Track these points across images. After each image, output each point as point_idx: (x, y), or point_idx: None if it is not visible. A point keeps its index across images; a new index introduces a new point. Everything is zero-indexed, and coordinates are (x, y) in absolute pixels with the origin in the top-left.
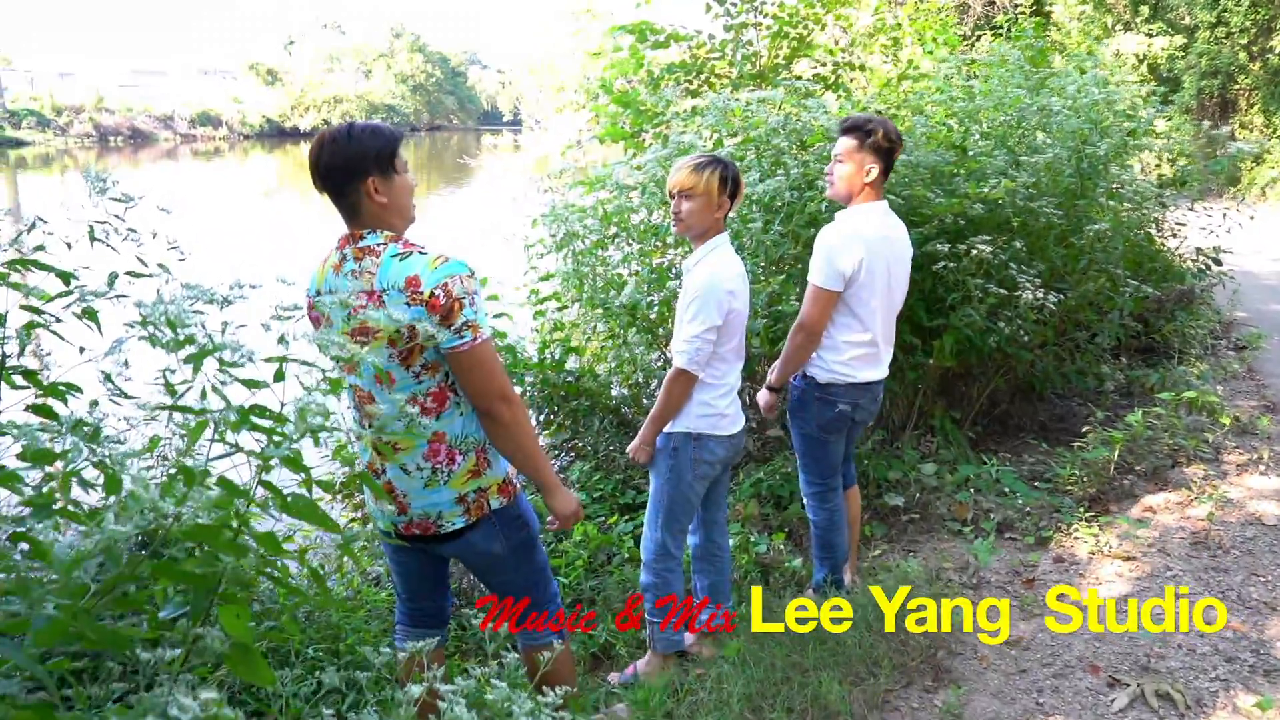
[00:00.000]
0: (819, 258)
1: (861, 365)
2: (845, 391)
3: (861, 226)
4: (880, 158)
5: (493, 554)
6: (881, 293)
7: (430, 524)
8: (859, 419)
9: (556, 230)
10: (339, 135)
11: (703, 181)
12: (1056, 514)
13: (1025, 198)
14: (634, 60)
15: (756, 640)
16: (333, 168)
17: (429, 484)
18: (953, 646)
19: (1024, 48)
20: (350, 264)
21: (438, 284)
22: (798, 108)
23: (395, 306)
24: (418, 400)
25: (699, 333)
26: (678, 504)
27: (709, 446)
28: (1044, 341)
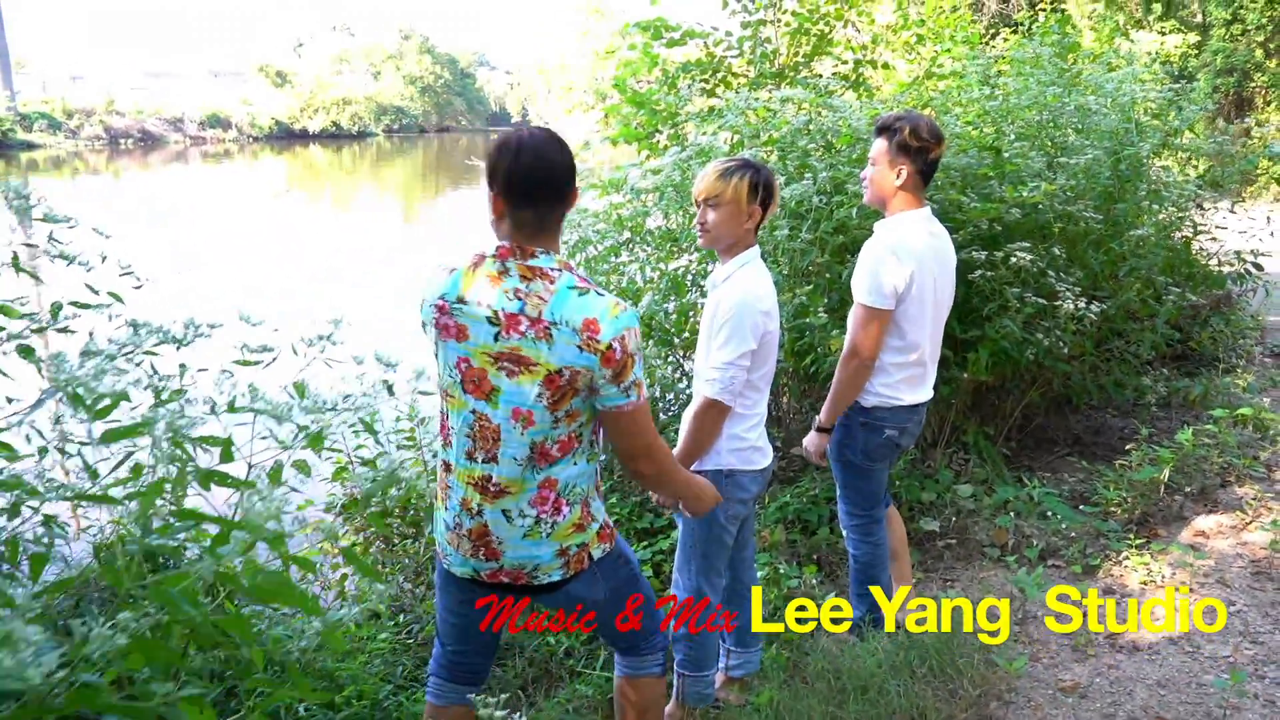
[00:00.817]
0: (865, 275)
1: (909, 387)
2: (892, 415)
3: (906, 237)
4: (911, 158)
5: (594, 600)
6: (930, 308)
7: (523, 574)
8: (904, 444)
9: (570, 235)
10: (543, 142)
11: (730, 188)
12: (1103, 539)
13: (1063, 201)
14: (648, 58)
15: (790, 688)
16: (558, 170)
17: (529, 534)
18: (1004, 694)
19: (1052, 44)
20: (514, 280)
21: (616, 335)
22: (823, 108)
23: (566, 346)
24: (544, 446)
25: (732, 359)
26: (711, 547)
27: (742, 484)
28: (1081, 352)
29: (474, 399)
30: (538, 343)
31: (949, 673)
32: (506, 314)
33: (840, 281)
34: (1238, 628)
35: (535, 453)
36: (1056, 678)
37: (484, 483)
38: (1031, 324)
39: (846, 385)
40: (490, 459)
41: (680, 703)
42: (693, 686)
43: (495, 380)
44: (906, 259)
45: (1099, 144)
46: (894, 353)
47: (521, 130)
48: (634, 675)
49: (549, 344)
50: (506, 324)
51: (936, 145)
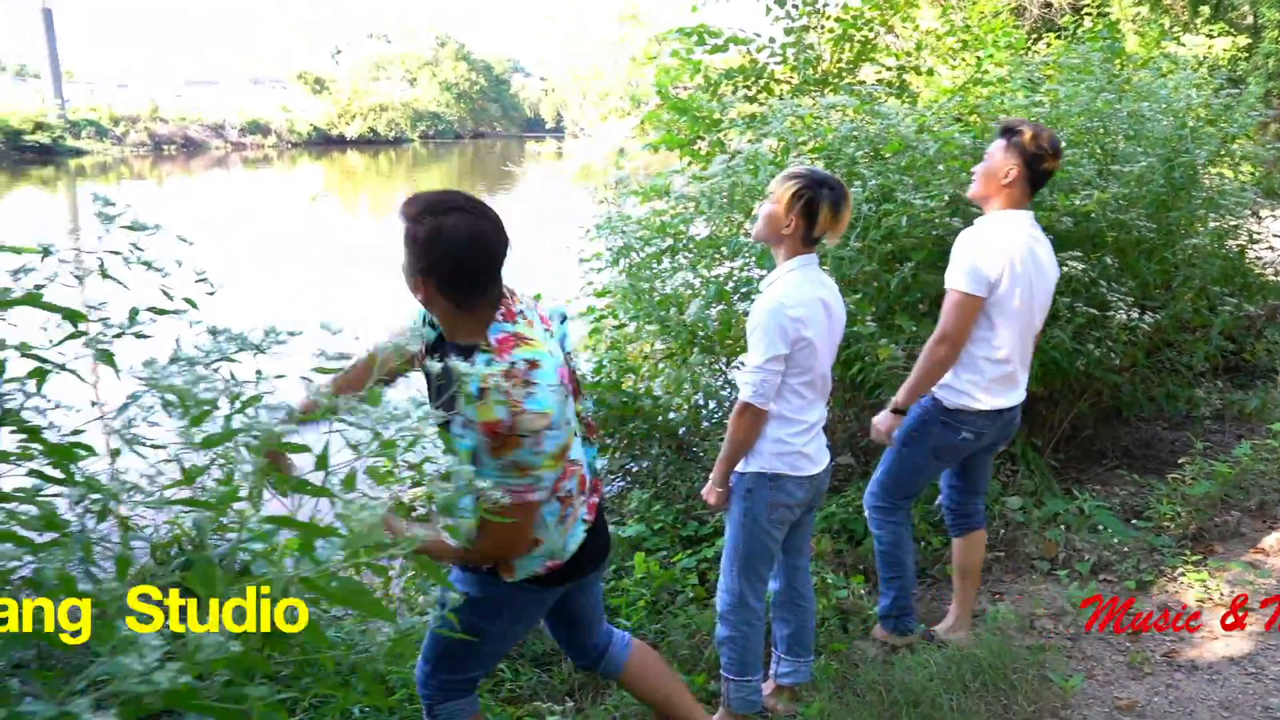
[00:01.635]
0: (960, 260)
1: (998, 389)
2: (974, 419)
3: (1004, 232)
4: (1024, 162)
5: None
6: (1023, 309)
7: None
8: (984, 445)
9: (612, 243)
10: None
11: (778, 190)
12: (1156, 555)
13: (1115, 210)
14: (690, 65)
15: (840, 699)
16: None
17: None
18: (1059, 711)
19: (1100, 49)
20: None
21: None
22: (869, 115)
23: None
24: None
25: (761, 363)
26: (755, 551)
27: (787, 488)
28: (1133, 363)
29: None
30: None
31: (1002, 688)
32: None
33: (889, 290)
34: None
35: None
36: (1113, 696)
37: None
38: (1082, 334)
39: (932, 369)
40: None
41: (727, 709)
42: (736, 692)
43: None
44: (1002, 251)
45: (1152, 151)
46: (984, 345)
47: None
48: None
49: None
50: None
51: (1053, 158)
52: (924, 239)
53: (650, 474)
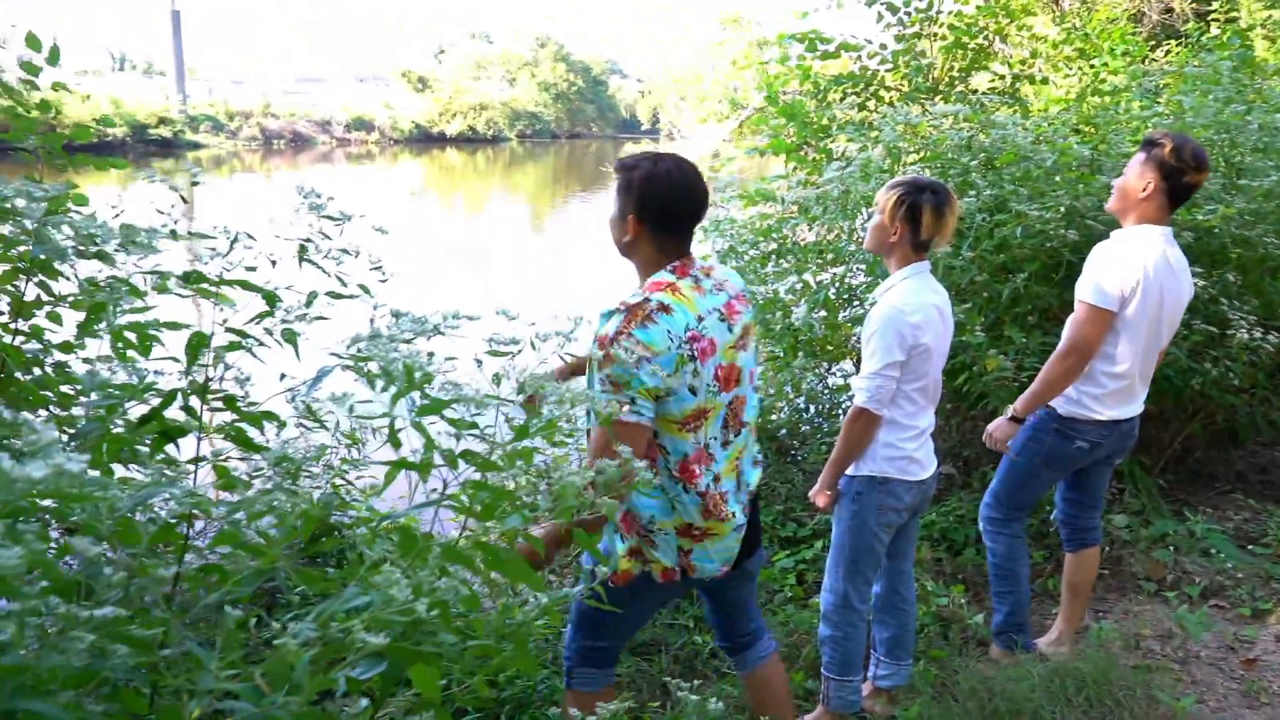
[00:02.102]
0: (1092, 274)
1: (1114, 401)
2: (1088, 428)
3: (1139, 247)
4: (1163, 175)
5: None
6: (1151, 324)
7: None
8: (1100, 456)
9: (718, 244)
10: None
11: (882, 200)
12: (1274, 583)
13: (1240, 225)
14: (802, 70)
15: (940, 703)
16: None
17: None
18: None
19: (1229, 57)
20: (707, 281)
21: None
22: (982, 124)
23: (751, 304)
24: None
25: (878, 369)
26: (861, 553)
27: (896, 492)
28: (1252, 384)
29: (727, 392)
30: (746, 310)
31: (1107, 704)
32: (725, 306)
33: (999, 301)
34: None
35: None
36: None
37: (740, 453)
38: (1199, 352)
39: (1056, 380)
40: (739, 428)
41: (826, 707)
42: (837, 691)
43: (739, 362)
44: (1135, 266)
45: None
46: (1105, 359)
47: (664, 158)
48: (763, 658)
49: (749, 306)
50: (729, 313)
51: (1196, 171)
52: (1037, 251)
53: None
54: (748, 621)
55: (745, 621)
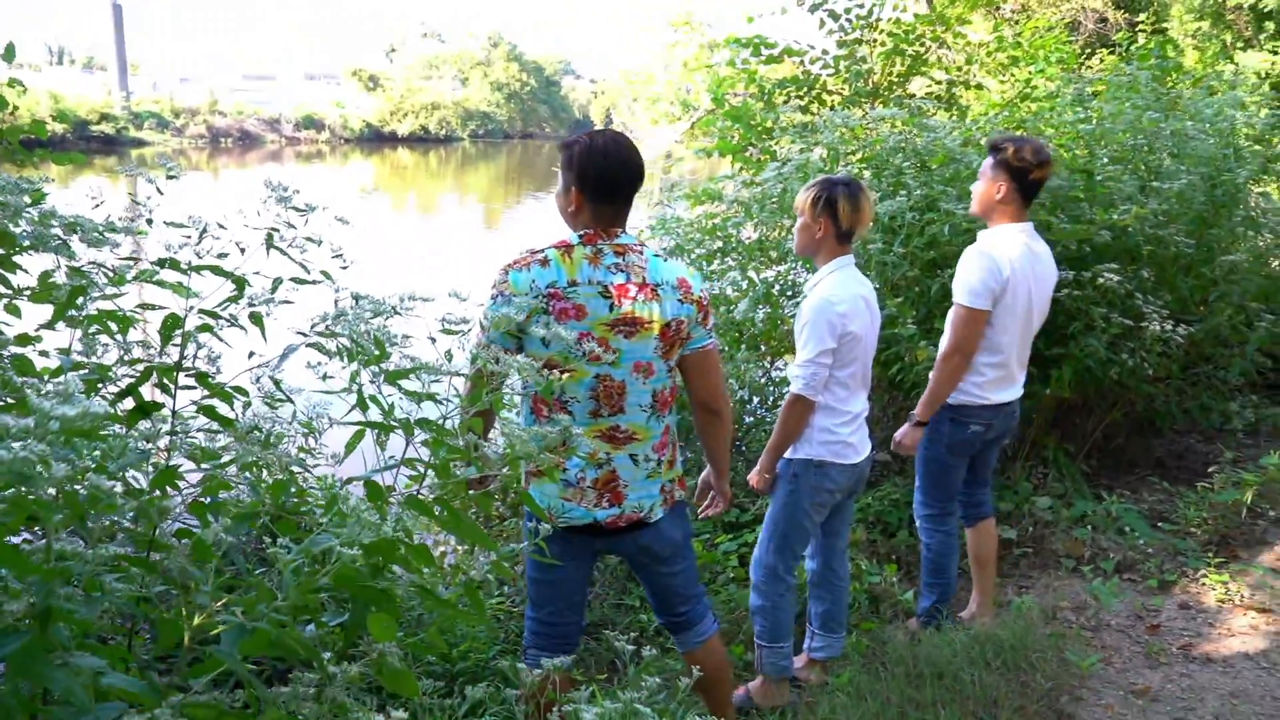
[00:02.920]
0: (965, 278)
1: (995, 388)
2: (978, 413)
3: (1003, 246)
4: (1011, 176)
5: (675, 542)
6: (1022, 314)
7: (639, 515)
8: (991, 438)
9: (666, 241)
10: (631, 143)
11: (801, 202)
12: (1180, 557)
13: (1154, 225)
14: (747, 74)
15: (869, 670)
16: (637, 170)
17: (651, 475)
18: (1076, 691)
19: (1150, 67)
20: (611, 258)
21: (702, 287)
22: (916, 128)
23: (670, 302)
24: (662, 394)
25: (812, 357)
26: (793, 530)
27: (830, 475)
28: (1167, 375)
29: (595, 366)
30: (649, 303)
31: (1023, 666)
32: (616, 286)
33: (929, 295)
34: None
35: (657, 401)
36: (1129, 681)
37: (612, 432)
38: (1117, 344)
39: (945, 381)
40: (616, 411)
41: (761, 672)
42: (769, 657)
43: (615, 343)
44: (1003, 265)
45: (1195, 169)
46: (984, 353)
47: (601, 133)
48: (699, 641)
49: (659, 303)
50: (617, 294)
51: (1039, 167)
52: (964, 247)
53: (700, 464)
54: (680, 603)
55: (678, 603)
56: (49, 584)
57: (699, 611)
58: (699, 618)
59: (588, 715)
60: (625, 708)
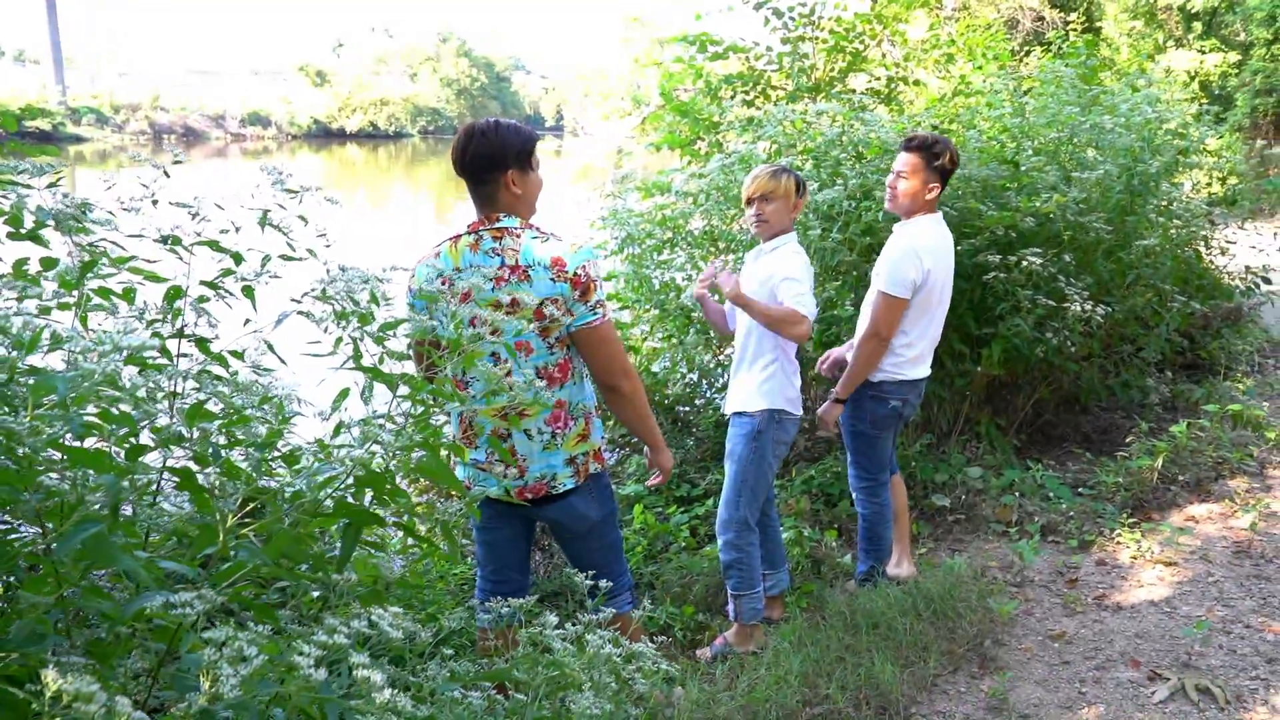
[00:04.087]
0: (890, 268)
1: (912, 365)
2: (896, 389)
3: (927, 239)
4: (943, 179)
5: (588, 519)
6: (935, 301)
7: (544, 485)
8: (906, 414)
9: (618, 233)
10: (487, 129)
11: (781, 186)
12: (1099, 519)
13: (1076, 212)
14: (693, 70)
15: (810, 622)
16: (479, 156)
17: (547, 447)
18: (999, 636)
19: (1076, 65)
20: (489, 243)
21: (580, 265)
22: (855, 121)
23: (541, 282)
24: (547, 370)
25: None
26: (760, 483)
27: (787, 426)
28: (1090, 354)
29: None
30: (520, 284)
31: (950, 615)
32: (496, 269)
33: (866, 279)
34: (1213, 594)
35: (541, 376)
36: (1046, 628)
37: (505, 409)
38: (1042, 324)
39: (865, 362)
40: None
41: (740, 621)
42: (747, 604)
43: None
44: (925, 257)
45: (1114, 161)
46: (902, 336)
47: (476, 121)
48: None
49: (529, 283)
50: (496, 278)
51: (952, 161)
52: None
53: (639, 449)
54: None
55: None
56: (119, 482)
57: (613, 590)
58: (612, 595)
59: (551, 636)
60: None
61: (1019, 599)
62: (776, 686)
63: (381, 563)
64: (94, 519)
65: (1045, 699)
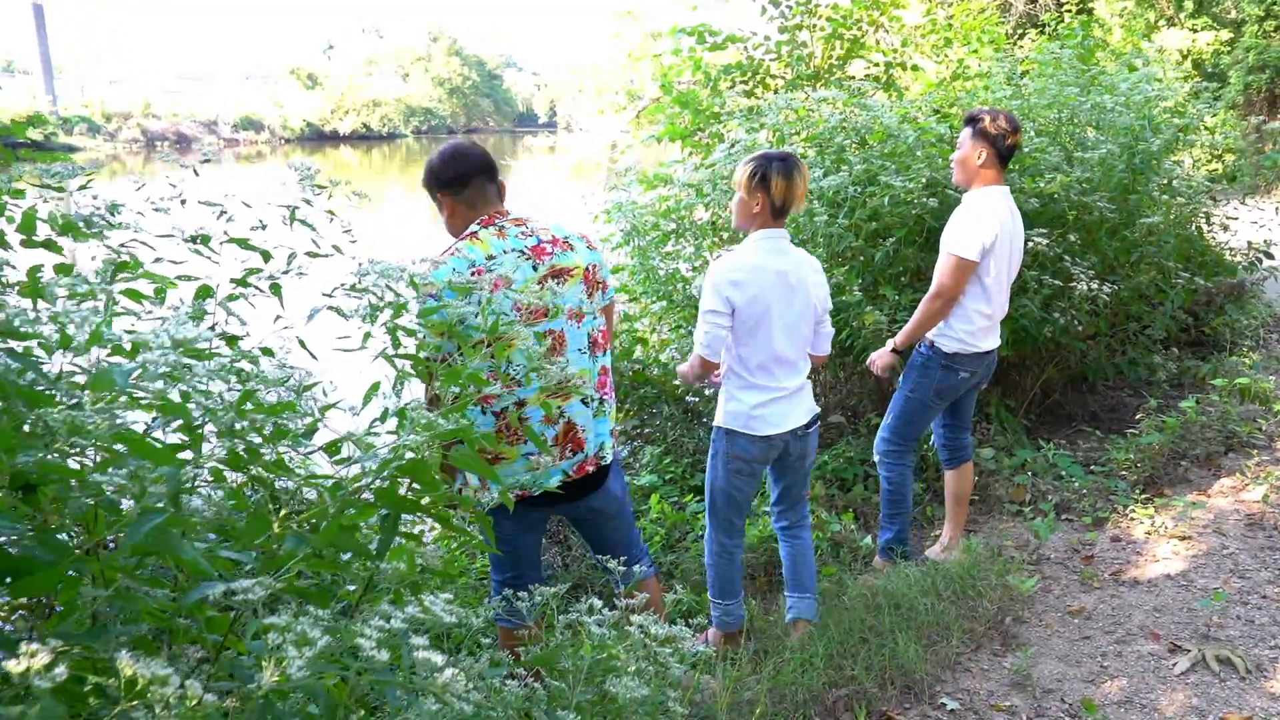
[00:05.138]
0: (959, 229)
1: (984, 335)
2: (969, 360)
3: (993, 205)
4: (990, 143)
5: (618, 497)
6: (1005, 268)
7: (597, 458)
8: (975, 384)
9: (622, 225)
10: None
11: (738, 178)
12: (1112, 496)
13: (1079, 192)
14: (692, 61)
15: (833, 605)
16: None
17: (597, 414)
18: (1019, 614)
19: (1074, 46)
20: (513, 229)
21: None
22: (857, 107)
23: (581, 250)
24: (597, 335)
25: (702, 317)
26: (730, 502)
27: (739, 443)
28: (1096, 332)
29: (529, 326)
30: (566, 253)
31: (970, 595)
32: (531, 248)
33: (874, 264)
34: (1229, 567)
35: (592, 343)
36: (1065, 604)
37: (559, 385)
38: (1049, 304)
39: (928, 318)
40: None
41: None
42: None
43: (548, 298)
44: (993, 220)
45: (1114, 140)
46: (978, 300)
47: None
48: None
49: (573, 251)
50: (535, 253)
51: (1013, 133)
52: (904, 217)
53: (660, 432)
54: (621, 552)
55: (619, 551)
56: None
57: (635, 557)
58: (634, 562)
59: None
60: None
61: (1037, 576)
62: (802, 669)
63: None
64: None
65: (1068, 674)
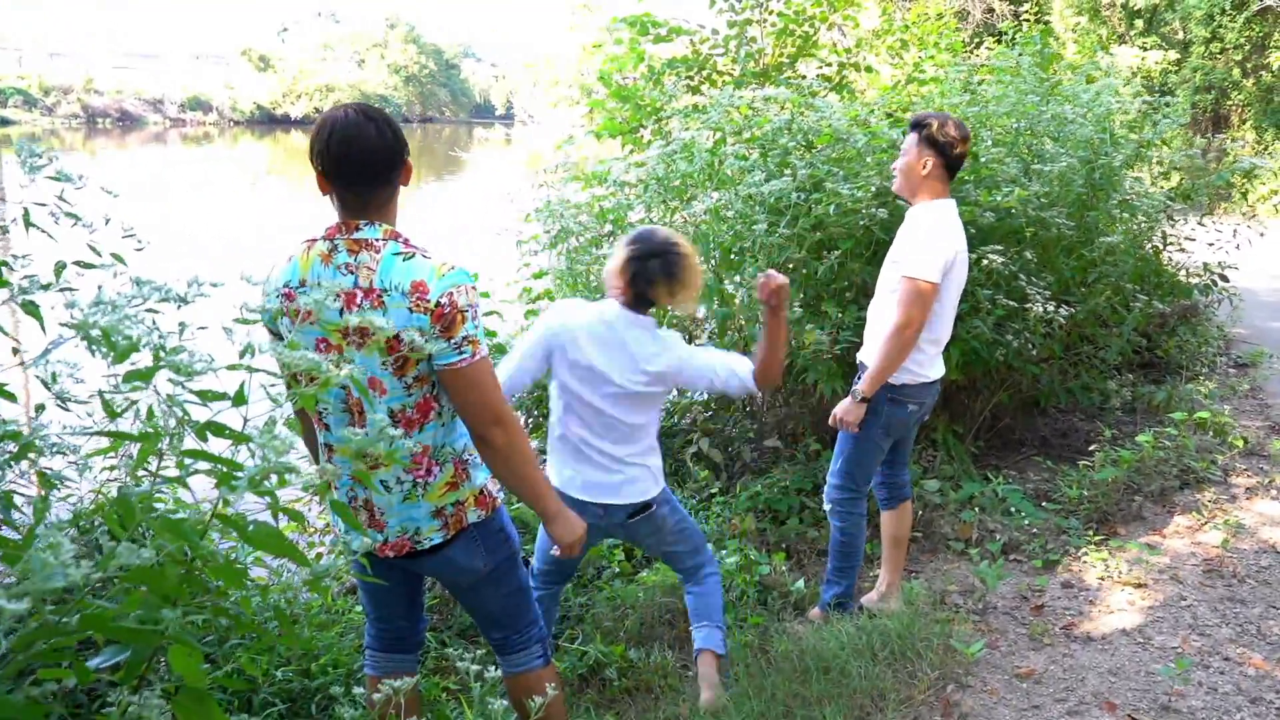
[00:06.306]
0: (915, 250)
1: (931, 364)
2: (917, 391)
3: (945, 221)
4: (937, 151)
5: (474, 570)
6: (956, 291)
7: (407, 541)
8: (920, 416)
9: (551, 226)
10: (380, 118)
11: (609, 263)
12: (1064, 536)
13: (1037, 207)
14: (634, 54)
15: (755, 667)
16: (374, 154)
17: (408, 498)
18: (962, 678)
19: (1033, 54)
20: (343, 256)
21: (444, 292)
22: (804, 107)
23: (397, 310)
24: (404, 413)
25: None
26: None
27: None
28: (1050, 355)
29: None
30: (374, 311)
31: (909, 656)
32: (345, 291)
33: (815, 278)
34: (1187, 621)
35: (396, 420)
36: (1013, 665)
37: (361, 456)
38: (1002, 325)
39: (896, 356)
40: (359, 422)
41: None
42: None
43: (350, 354)
44: (952, 240)
45: (1074, 153)
46: (927, 329)
47: (341, 110)
48: (514, 672)
49: (383, 311)
50: (346, 300)
51: (962, 142)
52: (851, 228)
53: None
54: (495, 629)
55: (492, 628)
56: None
57: (518, 642)
58: (518, 648)
59: None
60: None
61: (983, 632)
62: None
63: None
64: None
65: None
